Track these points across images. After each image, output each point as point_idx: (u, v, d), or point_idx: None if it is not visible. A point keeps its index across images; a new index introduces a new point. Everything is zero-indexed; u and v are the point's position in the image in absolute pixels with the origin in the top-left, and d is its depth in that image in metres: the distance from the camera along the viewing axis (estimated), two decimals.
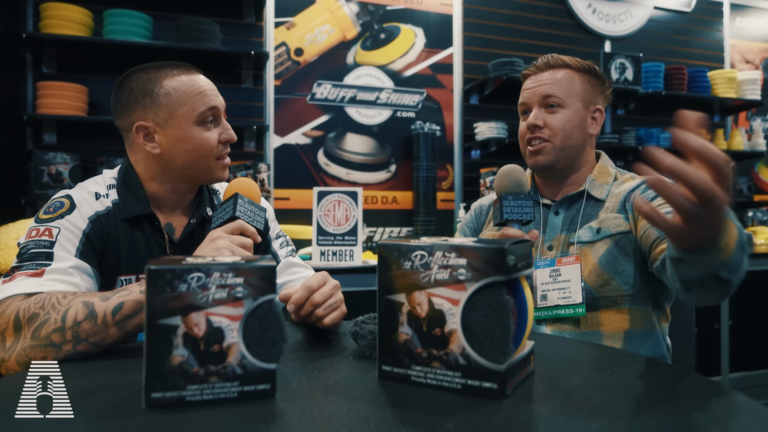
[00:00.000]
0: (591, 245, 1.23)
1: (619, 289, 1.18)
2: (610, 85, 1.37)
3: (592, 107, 1.32)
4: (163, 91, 1.10)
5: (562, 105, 1.28)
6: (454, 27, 3.63)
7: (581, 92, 1.29)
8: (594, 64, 1.32)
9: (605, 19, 3.99)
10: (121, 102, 1.13)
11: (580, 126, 1.29)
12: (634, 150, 3.74)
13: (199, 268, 0.62)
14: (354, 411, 0.59)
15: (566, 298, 1.20)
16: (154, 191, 1.15)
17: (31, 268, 0.93)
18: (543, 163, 1.30)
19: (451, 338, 0.65)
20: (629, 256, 1.19)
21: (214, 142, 1.13)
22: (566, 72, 1.30)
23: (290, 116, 3.31)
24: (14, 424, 0.57)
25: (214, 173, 1.16)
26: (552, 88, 1.28)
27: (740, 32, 4.50)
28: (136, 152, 1.15)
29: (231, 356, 0.62)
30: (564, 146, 1.28)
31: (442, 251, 0.65)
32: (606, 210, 1.26)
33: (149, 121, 1.10)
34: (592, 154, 1.36)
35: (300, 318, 0.98)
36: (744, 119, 4.52)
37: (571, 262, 1.22)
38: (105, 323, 0.84)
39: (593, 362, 0.82)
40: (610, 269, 1.19)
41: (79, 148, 2.82)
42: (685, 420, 0.57)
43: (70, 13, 2.67)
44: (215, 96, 1.15)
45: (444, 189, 3.61)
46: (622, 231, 1.21)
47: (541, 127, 1.28)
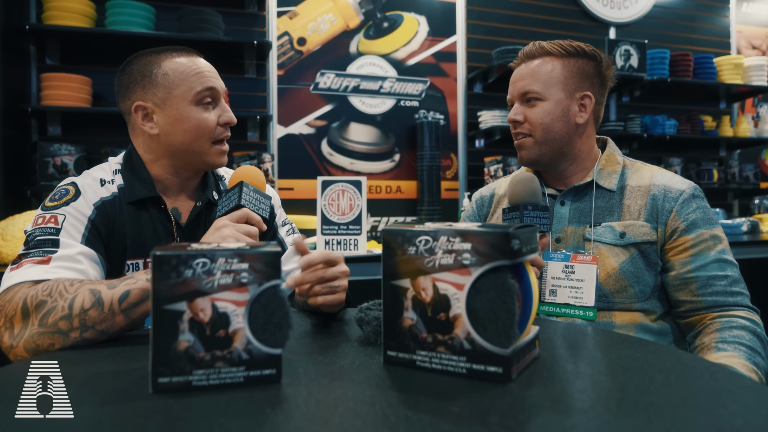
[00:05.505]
0: (611, 248, 1.19)
1: (634, 297, 1.17)
2: (610, 64, 1.29)
3: (578, 94, 1.24)
4: (161, 72, 1.10)
5: (541, 98, 1.23)
6: (458, 15, 3.61)
7: (563, 80, 1.23)
8: (584, 45, 1.25)
9: (610, 6, 3.95)
10: (123, 85, 1.14)
11: (562, 117, 1.23)
12: (639, 137, 3.72)
13: (204, 254, 0.62)
14: (359, 395, 0.60)
15: (578, 298, 1.18)
16: (158, 175, 1.15)
17: (37, 255, 0.94)
18: (527, 157, 1.28)
19: (456, 323, 0.65)
20: (651, 266, 1.18)
21: (212, 123, 1.12)
22: (547, 61, 1.25)
23: (293, 106, 3.30)
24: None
25: (209, 158, 1.14)
26: (529, 83, 1.24)
27: (747, 18, 4.45)
28: (137, 135, 1.15)
29: (237, 341, 0.63)
30: (546, 139, 1.24)
31: (446, 236, 0.65)
32: (629, 210, 1.21)
33: (148, 101, 1.11)
34: (589, 143, 1.29)
35: (301, 289, 0.96)
36: (750, 106, 4.48)
37: (587, 261, 1.18)
38: (112, 311, 0.85)
39: (599, 347, 0.82)
40: (631, 276, 1.16)
41: (83, 139, 2.83)
42: (691, 402, 0.57)
43: (72, 4, 2.66)
44: (214, 78, 1.14)
45: (448, 178, 3.61)
46: (648, 240, 1.18)
47: (521, 122, 1.26)
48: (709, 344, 1.06)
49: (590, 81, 1.26)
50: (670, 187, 1.20)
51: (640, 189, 1.23)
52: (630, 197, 1.23)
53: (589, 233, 1.22)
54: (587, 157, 1.29)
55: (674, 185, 1.21)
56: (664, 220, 1.18)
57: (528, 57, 1.28)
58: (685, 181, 1.22)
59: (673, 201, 1.18)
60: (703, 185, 3.94)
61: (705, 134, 3.99)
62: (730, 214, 4.28)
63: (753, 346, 1.04)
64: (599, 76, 1.28)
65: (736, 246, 3.08)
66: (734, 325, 1.08)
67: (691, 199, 1.19)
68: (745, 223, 3.44)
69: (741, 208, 4.36)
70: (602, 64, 1.27)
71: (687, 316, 1.17)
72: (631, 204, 1.22)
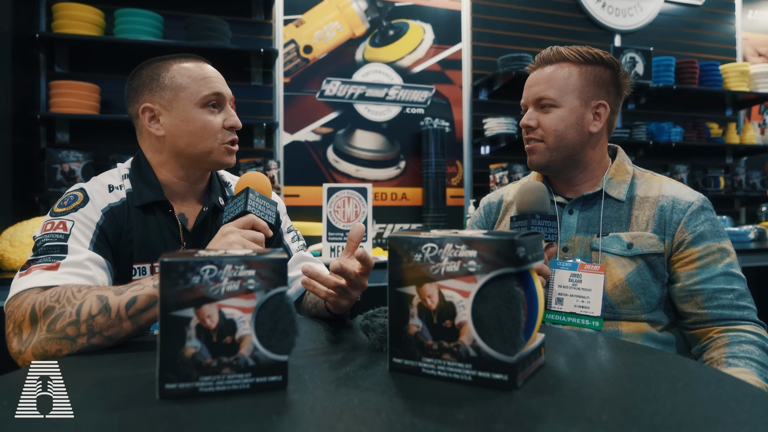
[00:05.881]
0: (618, 258, 1.18)
1: (640, 308, 1.16)
2: (626, 73, 1.28)
3: (594, 102, 1.23)
4: (169, 75, 1.13)
5: (555, 105, 1.22)
6: (463, 23, 3.62)
7: (579, 87, 1.22)
8: (602, 53, 1.23)
9: (615, 13, 3.96)
10: (132, 89, 1.16)
11: (576, 125, 1.22)
12: (645, 145, 3.71)
13: (211, 261, 0.62)
14: (365, 402, 0.60)
15: (584, 307, 1.17)
16: (165, 179, 1.16)
17: (46, 261, 0.95)
18: (537, 162, 1.27)
19: (462, 330, 0.65)
20: (658, 278, 1.17)
21: (217, 126, 1.14)
22: (564, 67, 1.23)
23: (300, 113, 3.32)
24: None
25: (217, 156, 1.15)
26: (545, 88, 1.23)
27: (752, 25, 4.44)
28: (144, 138, 1.17)
29: (243, 348, 0.63)
30: (558, 146, 1.23)
31: (452, 243, 0.66)
32: (637, 221, 1.20)
33: (155, 103, 1.13)
34: (600, 152, 1.28)
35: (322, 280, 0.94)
36: (757, 113, 4.46)
37: (595, 271, 1.18)
38: (119, 317, 0.85)
39: (605, 355, 0.82)
40: (638, 288, 1.16)
41: (91, 146, 2.85)
42: (697, 411, 0.57)
43: (82, 12, 2.69)
44: (221, 84, 1.16)
45: (453, 185, 3.61)
46: (655, 252, 1.17)
47: (534, 127, 1.25)
48: (719, 359, 1.05)
49: (606, 89, 1.25)
50: (678, 199, 1.19)
51: (649, 200, 1.22)
52: (638, 208, 1.22)
53: (597, 243, 1.21)
54: (598, 165, 1.28)
55: (683, 197, 1.20)
56: (671, 232, 1.17)
57: (544, 62, 1.26)
58: (694, 193, 1.21)
59: (682, 213, 1.18)
60: (709, 192, 3.93)
61: (711, 141, 3.98)
62: (737, 222, 4.26)
63: (763, 361, 1.03)
64: (615, 85, 1.26)
65: (743, 254, 3.07)
66: (743, 340, 1.07)
67: (700, 211, 1.18)
68: (753, 230, 3.42)
69: (748, 216, 4.33)
70: (619, 73, 1.26)
71: (693, 328, 1.16)
72: (640, 215, 1.21)
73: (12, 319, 0.88)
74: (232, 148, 1.17)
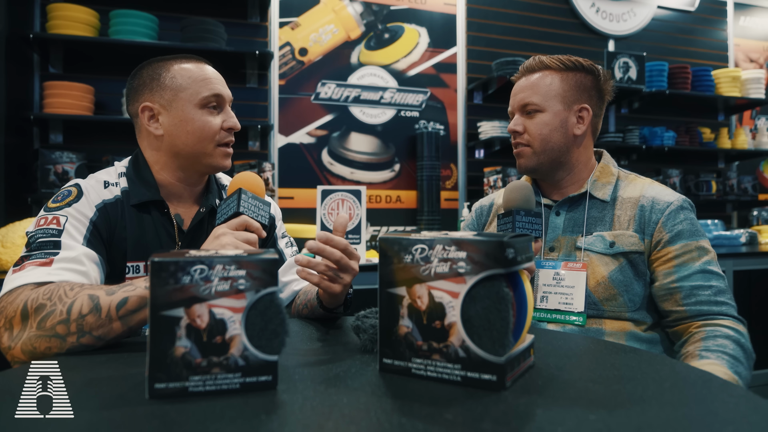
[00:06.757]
0: (601, 257, 1.22)
1: (624, 306, 1.19)
2: (608, 78, 1.34)
3: (576, 106, 1.28)
4: (169, 75, 1.13)
5: (540, 109, 1.27)
6: (458, 27, 3.64)
7: (562, 93, 1.27)
8: (583, 60, 1.29)
9: (609, 19, 3.98)
10: (132, 88, 1.16)
11: (560, 128, 1.27)
12: (638, 149, 3.74)
13: (202, 261, 0.63)
14: (354, 402, 0.60)
15: (567, 304, 1.21)
16: (162, 180, 1.16)
17: (40, 257, 0.94)
18: (525, 166, 1.32)
19: (451, 331, 0.65)
20: (640, 276, 1.20)
21: (216, 127, 1.14)
22: (546, 74, 1.29)
23: (294, 116, 3.32)
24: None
25: (214, 159, 1.16)
26: (530, 95, 1.28)
27: (744, 31, 4.49)
28: (143, 138, 1.17)
29: (233, 348, 0.63)
30: (544, 149, 1.28)
31: (442, 245, 0.66)
32: (619, 221, 1.24)
33: (155, 102, 1.13)
34: (586, 154, 1.33)
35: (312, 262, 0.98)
36: (748, 118, 4.50)
37: (577, 269, 1.22)
38: (109, 317, 0.85)
39: (593, 356, 0.82)
40: (620, 285, 1.19)
41: (85, 147, 2.84)
42: (683, 412, 0.58)
43: (76, 13, 2.69)
44: (221, 85, 1.17)
45: (448, 188, 3.62)
46: (636, 250, 1.20)
47: (521, 132, 1.30)
48: (693, 352, 1.07)
49: (588, 94, 1.30)
50: (658, 199, 1.23)
51: (631, 200, 1.26)
52: (621, 208, 1.26)
53: (581, 242, 1.25)
54: (584, 167, 1.33)
55: (663, 197, 1.23)
56: (650, 231, 1.21)
57: (528, 71, 1.32)
58: (674, 194, 1.24)
59: (660, 212, 1.21)
60: (701, 197, 3.95)
61: (703, 146, 4.01)
62: (728, 226, 4.29)
63: (736, 355, 1.05)
64: (597, 90, 1.31)
65: (734, 257, 3.09)
66: (719, 334, 1.09)
67: (679, 210, 1.21)
68: (744, 234, 3.45)
69: (740, 220, 4.37)
70: (600, 78, 1.31)
71: (674, 325, 1.18)
72: (621, 214, 1.25)
73: (4, 314, 0.88)
74: (228, 150, 1.18)
